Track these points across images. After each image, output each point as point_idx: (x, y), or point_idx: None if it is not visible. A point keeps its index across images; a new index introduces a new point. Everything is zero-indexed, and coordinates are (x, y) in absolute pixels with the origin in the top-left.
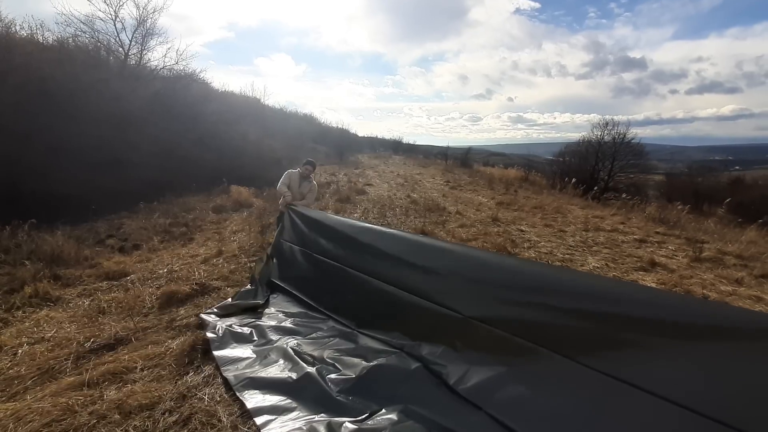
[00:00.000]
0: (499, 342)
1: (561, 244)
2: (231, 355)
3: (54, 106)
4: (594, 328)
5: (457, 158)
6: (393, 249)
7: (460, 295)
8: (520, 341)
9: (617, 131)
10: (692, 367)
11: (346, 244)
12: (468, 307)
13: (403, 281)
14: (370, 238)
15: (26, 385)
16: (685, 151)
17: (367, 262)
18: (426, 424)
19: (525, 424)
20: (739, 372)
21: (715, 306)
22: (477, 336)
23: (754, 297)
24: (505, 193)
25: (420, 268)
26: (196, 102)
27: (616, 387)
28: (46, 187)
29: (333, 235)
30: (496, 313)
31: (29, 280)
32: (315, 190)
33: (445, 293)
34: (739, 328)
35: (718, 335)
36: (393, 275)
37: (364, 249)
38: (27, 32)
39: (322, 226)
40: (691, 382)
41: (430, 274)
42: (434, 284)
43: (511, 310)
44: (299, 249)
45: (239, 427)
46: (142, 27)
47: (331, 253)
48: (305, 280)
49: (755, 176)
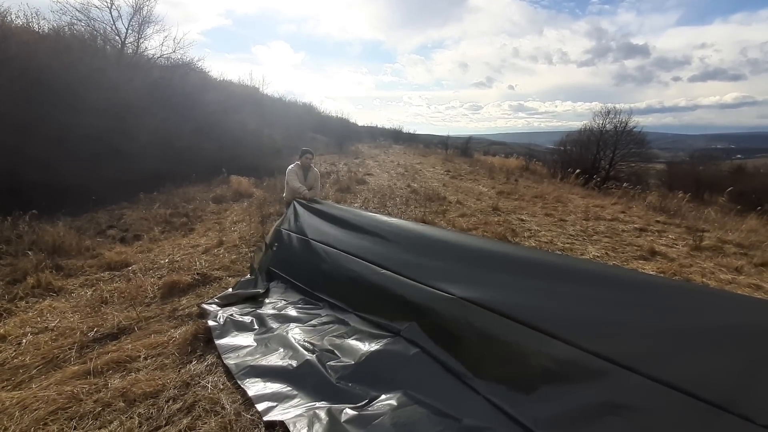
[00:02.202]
0: (495, 324)
1: (561, 233)
2: (232, 344)
3: (52, 96)
4: (591, 311)
5: (457, 147)
6: (392, 236)
7: (455, 279)
8: (517, 324)
9: (619, 120)
10: (696, 352)
11: (344, 231)
12: (462, 290)
13: (401, 266)
14: (370, 225)
15: (31, 374)
16: (687, 139)
17: (366, 249)
18: (426, 408)
19: (523, 409)
20: (740, 356)
21: (716, 292)
22: (474, 318)
23: (753, 285)
24: (506, 182)
25: (417, 254)
26: (195, 91)
27: (616, 372)
28: (46, 177)
29: (332, 222)
30: (489, 295)
31: (31, 271)
32: (319, 177)
33: (440, 277)
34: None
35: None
36: (391, 261)
37: (363, 235)
38: (23, 21)
39: (321, 213)
40: (696, 368)
41: (426, 259)
42: (430, 268)
43: (506, 292)
44: (297, 237)
45: (242, 414)
46: (139, 14)
47: (329, 240)
48: (304, 267)
49: (757, 165)
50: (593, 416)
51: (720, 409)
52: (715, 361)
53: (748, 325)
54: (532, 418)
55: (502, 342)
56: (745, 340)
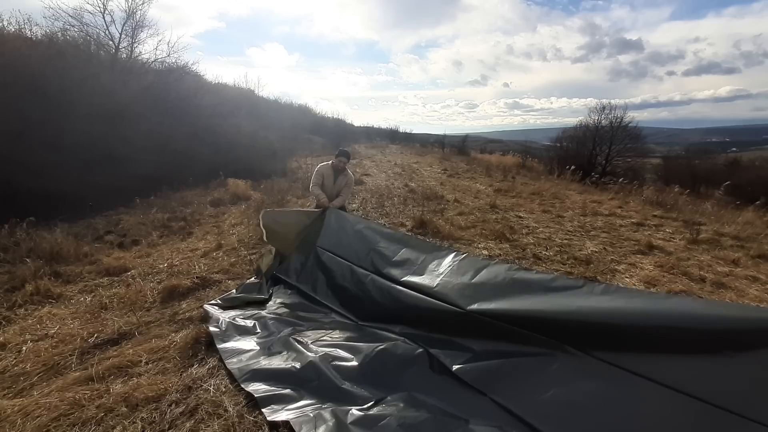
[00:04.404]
0: (502, 332)
1: (559, 229)
2: (234, 348)
3: (46, 102)
4: (596, 318)
5: (454, 146)
6: (398, 251)
7: (462, 293)
8: (523, 331)
9: (614, 115)
10: (696, 356)
11: (353, 242)
12: (470, 302)
13: (407, 280)
14: (378, 238)
15: (32, 382)
16: (682, 133)
17: (373, 261)
18: (431, 410)
19: (528, 409)
20: (747, 362)
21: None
22: (480, 327)
23: (750, 277)
24: (503, 180)
25: (421, 268)
26: (190, 95)
27: (621, 375)
28: (42, 184)
29: (341, 232)
30: (498, 306)
31: (30, 278)
32: (351, 183)
33: (448, 291)
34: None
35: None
36: (396, 274)
37: (371, 248)
38: (15, 27)
39: (335, 222)
40: (695, 371)
41: (431, 274)
42: (436, 283)
43: (514, 303)
44: (307, 244)
45: (245, 417)
46: (132, 19)
47: (338, 251)
48: (309, 273)
49: (752, 157)
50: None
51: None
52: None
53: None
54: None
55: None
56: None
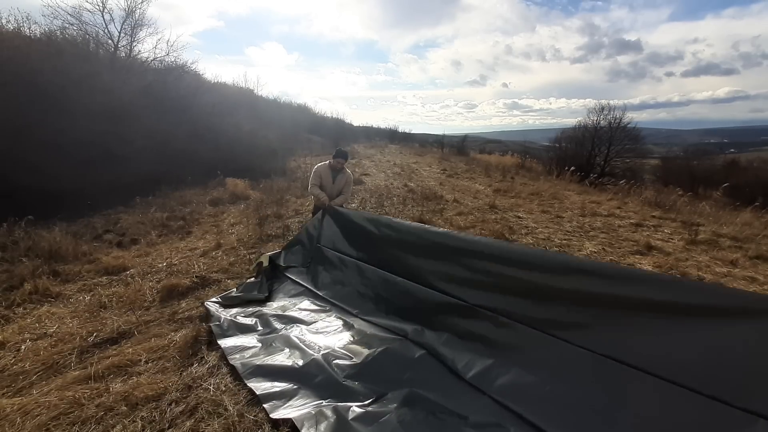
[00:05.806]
0: (502, 328)
1: (558, 229)
2: (236, 344)
3: (45, 100)
4: (595, 313)
5: (453, 146)
6: (400, 240)
7: (466, 285)
8: (523, 327)
9: (613, 116)
10: (689, 346)
11: (357, 237)
12: (474, 296)
13: (410, 272)
14: (380, 229)
15: (31, 380)
16: (681, 134)
17: (373, 254)
18: (431, 407)
19: (528, 406)
20: (736, 350)
21: (710, 287)
22: (481, 323)
23: (748, 278)
24: (502, 180)
25: (426, 259)
26: (189, 94)
27: (618, 369)
28: (40, 182)
29: (346, 228)
30: (499, 302)
31: (28, 277)
32: (351, 182)
33: (451, 283)
34: (734, 307)
35: (713, 314)
36: (399, 266)
37: (371, 241)
38: (14, 25)
39: (335, 219)
40: (690, 362)
41: (436, 264)
42: (440, 275)
43: (515, 297)
44: (310, 242)
45: (245, 415)
46: (131, 18)
47: (340, 247)
48: (311, 271)
49: (750, 158)
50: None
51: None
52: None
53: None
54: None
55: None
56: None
